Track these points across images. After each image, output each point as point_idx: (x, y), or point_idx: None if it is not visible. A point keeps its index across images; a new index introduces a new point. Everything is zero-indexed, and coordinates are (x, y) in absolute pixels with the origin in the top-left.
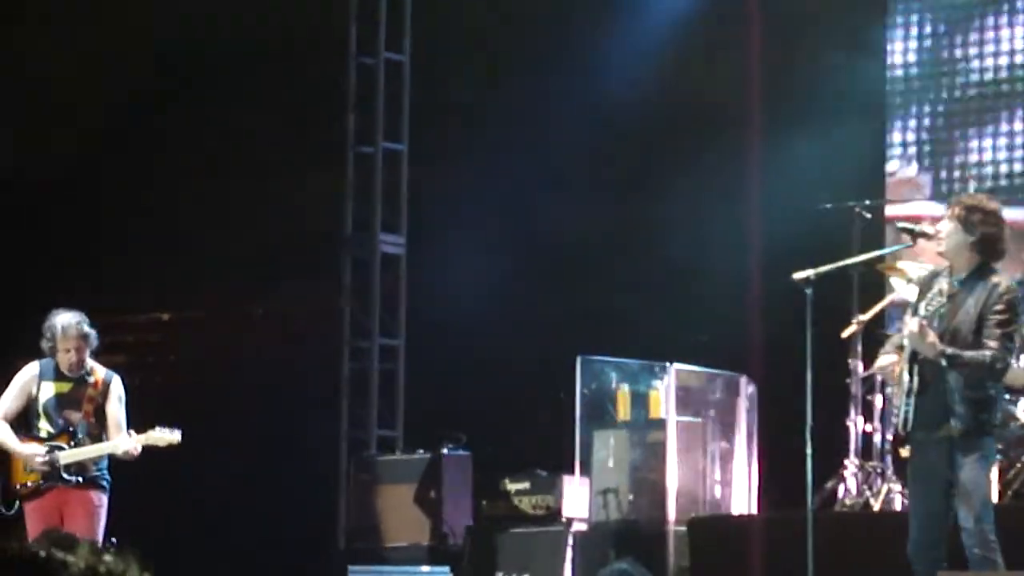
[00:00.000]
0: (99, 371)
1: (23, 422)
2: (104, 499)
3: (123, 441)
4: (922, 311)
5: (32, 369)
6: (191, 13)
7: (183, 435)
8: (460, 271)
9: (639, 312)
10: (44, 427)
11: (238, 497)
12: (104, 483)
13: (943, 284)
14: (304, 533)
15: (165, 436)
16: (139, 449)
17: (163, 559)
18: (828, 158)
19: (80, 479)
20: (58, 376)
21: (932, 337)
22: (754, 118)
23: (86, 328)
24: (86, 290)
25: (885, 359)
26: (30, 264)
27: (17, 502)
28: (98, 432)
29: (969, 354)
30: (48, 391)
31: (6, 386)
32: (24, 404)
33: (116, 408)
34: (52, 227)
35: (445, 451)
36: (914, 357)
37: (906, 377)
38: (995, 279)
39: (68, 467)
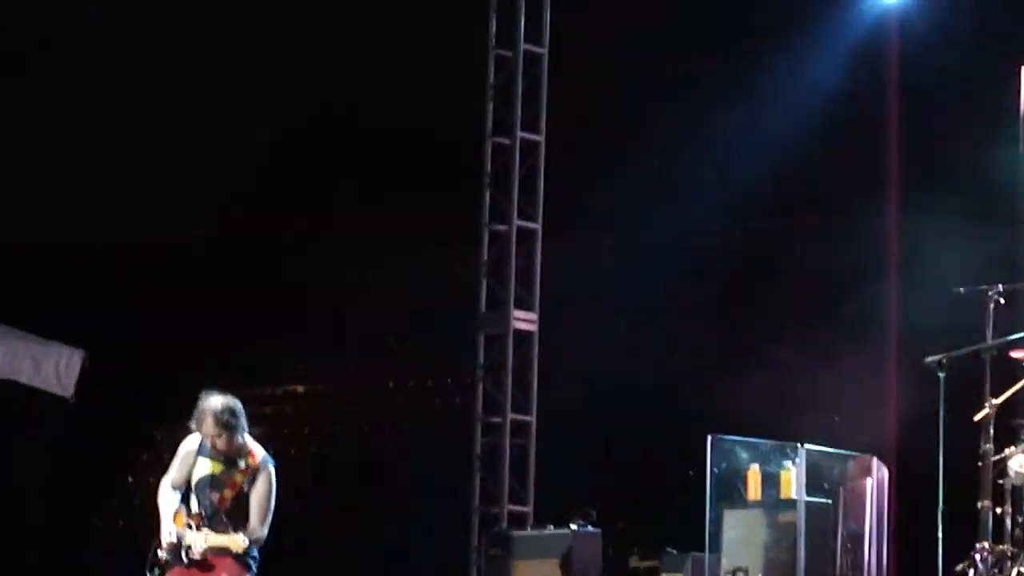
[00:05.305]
0: (256, 455)
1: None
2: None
3: (238, 542)
4: None
5: (192, 443)
6: (330, 98)
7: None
8: (592, 348)
9: (771, 392)
10: (193, 504)
11: (369, 570)
12: (248, 561)
13: None
14: None
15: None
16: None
17: None
18: (963, 241)
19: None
20: (212, 454)
21: None
22: (891, 201)
23: (227, 417)
24: (226, 362)
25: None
26: (177, 335)
27: (158, 569)
28: (238, 517)
29: None
30: (202, 469)
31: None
32: (187, 476)
33: (260, 495)
34: (195, 299)
35: (575, 527)
36: None
37: None
38: None
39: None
